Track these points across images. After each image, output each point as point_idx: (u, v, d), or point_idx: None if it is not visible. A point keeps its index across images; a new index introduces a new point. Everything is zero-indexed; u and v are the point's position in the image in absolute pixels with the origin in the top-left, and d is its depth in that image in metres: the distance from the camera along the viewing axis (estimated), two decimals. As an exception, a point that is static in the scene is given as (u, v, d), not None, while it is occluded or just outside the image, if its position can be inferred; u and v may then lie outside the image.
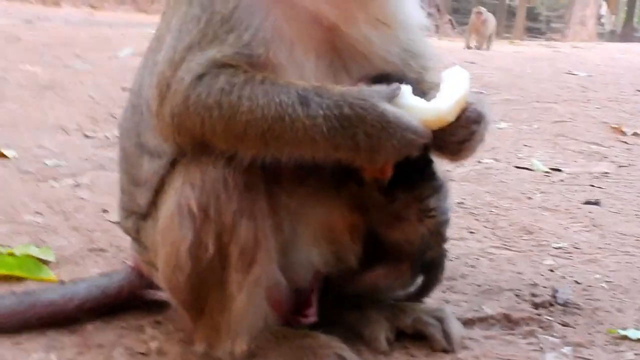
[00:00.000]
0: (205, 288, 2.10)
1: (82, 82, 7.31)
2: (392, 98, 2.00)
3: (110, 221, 3.44)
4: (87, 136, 5.55)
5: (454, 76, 2.13)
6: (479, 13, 20.84)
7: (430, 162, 2.31)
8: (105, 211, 3.60)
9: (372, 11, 2.17)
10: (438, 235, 2.37)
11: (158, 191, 2.23)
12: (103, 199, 3.80)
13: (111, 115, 6.19)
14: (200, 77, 1.96)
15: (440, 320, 2.37)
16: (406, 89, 2.04)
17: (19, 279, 2.74)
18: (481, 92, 7.89)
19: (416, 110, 2.01)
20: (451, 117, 2.04)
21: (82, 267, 2.92)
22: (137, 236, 2.42)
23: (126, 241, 3.09)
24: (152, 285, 2.42)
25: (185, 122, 1.99)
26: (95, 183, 4.18)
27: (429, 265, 2.41)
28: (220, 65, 1.97)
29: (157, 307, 2.50)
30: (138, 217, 2.37)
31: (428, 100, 2.06)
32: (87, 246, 3.13)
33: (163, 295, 2.36)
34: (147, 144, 2.25)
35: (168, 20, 2.17)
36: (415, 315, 2.39)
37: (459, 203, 4.09)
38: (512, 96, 7.98)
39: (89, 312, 2.46)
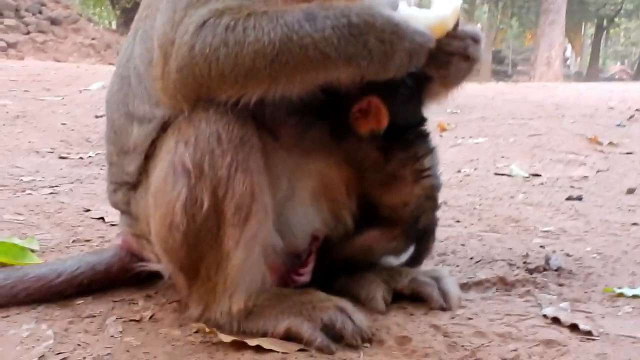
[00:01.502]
0: (201, 246, 2.09)
1: (53, 112, 7.28)
2: (393, 7, 2.03)
3: (94, 218, 3.42)
4: (62, 157, 5.51)
5: None
6: None
7: (424, 120, 2.36)
8: (87, 210, 3.58)
9: None
10: (432, 200, 2.40)
11: (148, 157, 2.24)
12: (83, 202, 3.78)
13: (86, 139, 6.19)
14: (203, 24, 1.96)
15: (437, 279, 2.39)
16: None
17: (3, 265, 2.70)
18: (456, 112, 8.01)
19: (417, 17, 2.04)
20: (450, 24, 2.08)
21: (68, 255, 2.88)
22: (127, 208, 2.42)
23: (111, 233, 3.09)
24: (142, 261, 2.42)
25: (194, 72, 1.97)
26: (74, 191, 4.15)
27: (422, 232, 2.43)
28: (222, 11, 1.97)
29: (149, 282, 2.49)
30: (128, 187, 2.37)
31: None
32: (72, 238, 3.10)
33: (154, 266, 2.36)
34: (136, 112, 2.26)
35: None
36: (411, 276, 2.40)
37: (441, 202, 4.12)
38: (487, 114, 8.12)
39: (78, 287, 2.43)
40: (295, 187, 2.25)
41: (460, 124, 7.52)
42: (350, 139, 2.24)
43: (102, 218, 3.39)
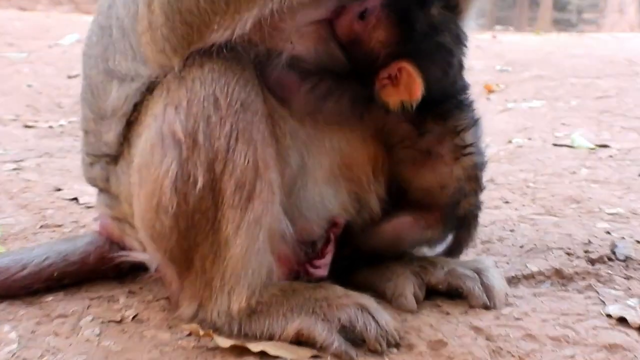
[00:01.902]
0: (194, 231, 2.10)
1: (18, 72, 7.33)
2: None
3: (66, 198, 3.46)
4: (27, 126, 5.56)
5: None
6: None
7: (466, 87, 2.35)
8: (58, 189, 3.62)
9: None
10: (474, 181, 2.39)
11: (131, 123, 2.26)
12: (54, 180, 3.82)
13: (57, 105, 6.23)
14: None
15: (479, 272, 2.38)
16: None
17: (-42, 256, 2.74)
18: (506, 70, 7.98)
19: None
20: None
21: (35, 243, 2.92)
22: (105, 185, 2.44)
23: (87, 216, 3.13)
24: (124, 250, 2.45)
25: (180, 9, 1.99)
26: (42, 167, 4.19)
27: (462, 218, 2.43)
28: None
29: (132, 276, 2.52)
30: (107, 160, 2.40)
31: None
32: (40, 223, 3.14)
33: (138, 256, 2.38)
34: (116, 69, 2.28)
35: None
36: (448, 268, 2.39)
37: (488, 180, 4.13)
38: (544, 72, 8.06)
39: (47, 281, 2.46)
40: (308, 163, 2.25)
41: (512, 85, 7.49)
42: (376, 110, 2.23)
43: (75, 199, 3.43)
